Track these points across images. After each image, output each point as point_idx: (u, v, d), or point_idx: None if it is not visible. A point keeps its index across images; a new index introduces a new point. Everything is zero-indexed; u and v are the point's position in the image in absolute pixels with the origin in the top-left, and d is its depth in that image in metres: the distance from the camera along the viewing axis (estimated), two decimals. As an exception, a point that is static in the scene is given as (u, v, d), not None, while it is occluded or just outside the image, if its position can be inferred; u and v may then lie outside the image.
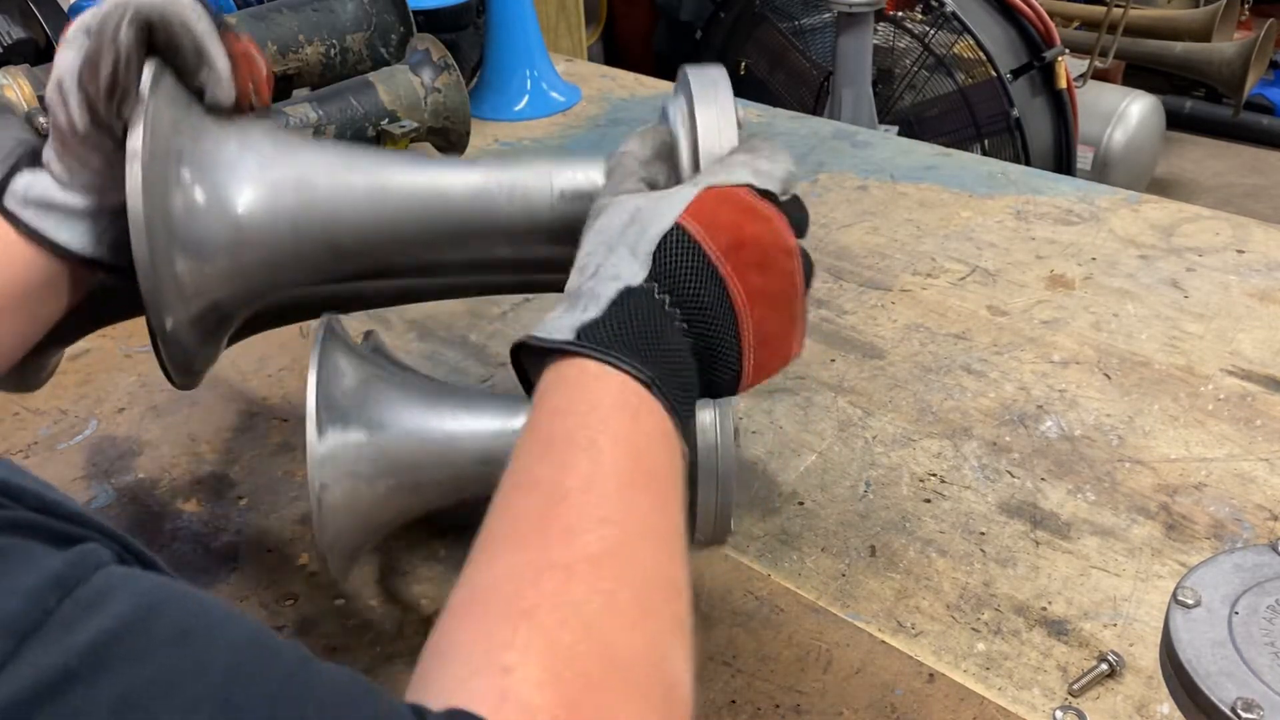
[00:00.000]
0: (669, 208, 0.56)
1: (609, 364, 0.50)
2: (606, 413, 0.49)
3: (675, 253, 0.54)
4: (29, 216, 0.63)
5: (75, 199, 0.64)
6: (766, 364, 0.58)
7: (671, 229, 0.54)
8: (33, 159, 0.65)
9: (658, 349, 0.52)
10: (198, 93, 0.64)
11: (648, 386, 0.50)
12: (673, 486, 0.50)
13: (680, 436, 0.52)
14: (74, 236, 0.64)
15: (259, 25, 1.37)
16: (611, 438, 0.48)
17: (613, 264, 0.54)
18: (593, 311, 0.52)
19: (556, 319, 0.53)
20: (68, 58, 0.61)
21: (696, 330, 0.54)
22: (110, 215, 0.64)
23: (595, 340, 0.51)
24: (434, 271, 0.83)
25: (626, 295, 0.53)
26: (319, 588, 0.88)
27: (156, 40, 0.61)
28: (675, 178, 0.63)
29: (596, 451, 0.47)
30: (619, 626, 0.41)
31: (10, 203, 0.63)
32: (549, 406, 0.50)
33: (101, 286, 0.68)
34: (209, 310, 0.64)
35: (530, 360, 0.54)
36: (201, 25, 0.62)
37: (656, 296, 0.53)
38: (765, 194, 0.57)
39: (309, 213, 0.65)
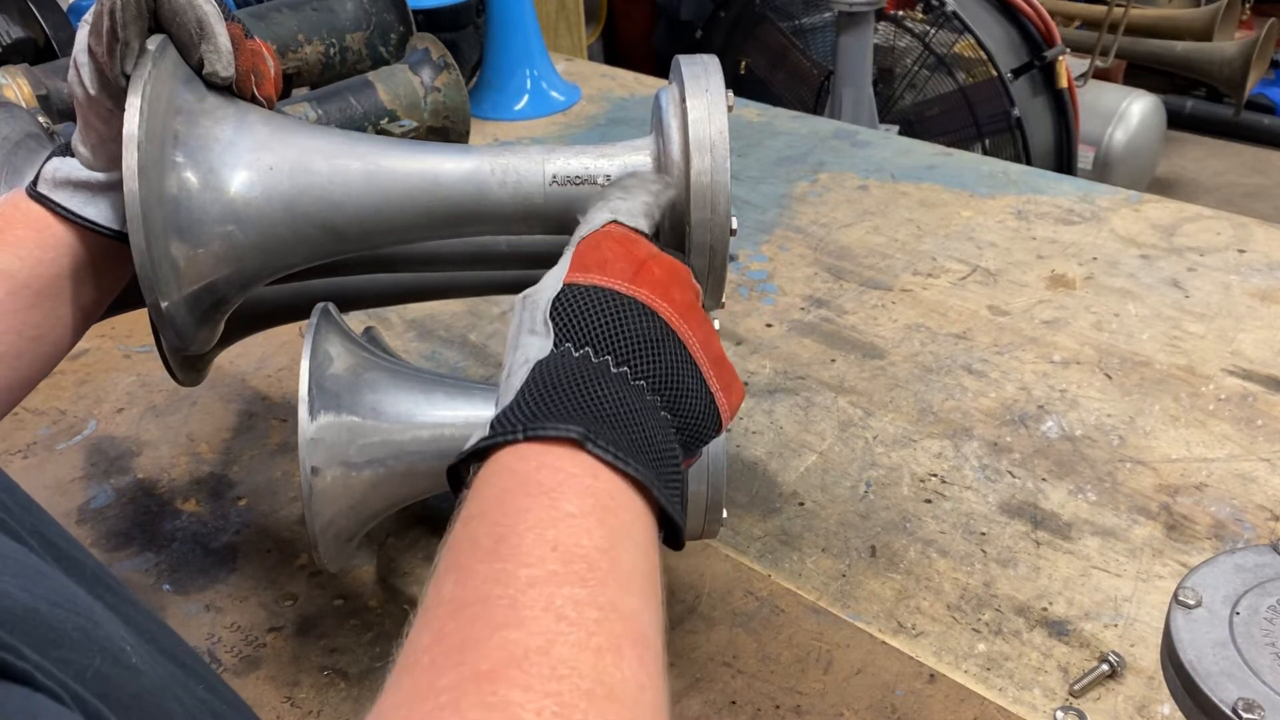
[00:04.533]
0: (550, 279, 0.53)
1: (517, 441, 0.45)
2: (551, 489, 0.43)
3: (575, 305, 0.50)
4: (61, 197, 0.65)
5: (99, 175, 0.65)
6: (733, 396, 0.54)
7: (560, 290, 0.51)
8: (65, 149, 0.67)
9: (585, 404, 0.47)
10: (199, 69, 0.65)
11: (579, 445, 0.44)
12: (645, 555, 0.44)
13: (630, 482, 0.46)
14: (100, 211, 0.65)
15: (259, 25, 1.37)
16: (559, 523, 0.42)
17: (520, 354, 0.50)
18: (505, 399, 0.48)
19: (485, 426, 0.48)
20: (80, 33, 0.63)
21: (641, 369, 0.50)
22: None
23: (507, 425, 0.45)
24: (432, 263, 0.84)
25: (538, 369, 0.49)
26: (319, 588, 0.88)
27: (161, 11, 0.62)
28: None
29: (536, 542, 0.41)
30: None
31: (43, 187, 0.65)
32: (465, 513, 0.44)
33: None
34: (204, 292, 0.65)
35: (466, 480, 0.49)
36: (207, 5, 0.63)
37: (575, 354, 0.49)
38: (635, 230, 0.56)
39: (304, 195, 0.65)
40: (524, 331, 0.51)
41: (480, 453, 0.46)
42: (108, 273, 0.67)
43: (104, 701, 0.35)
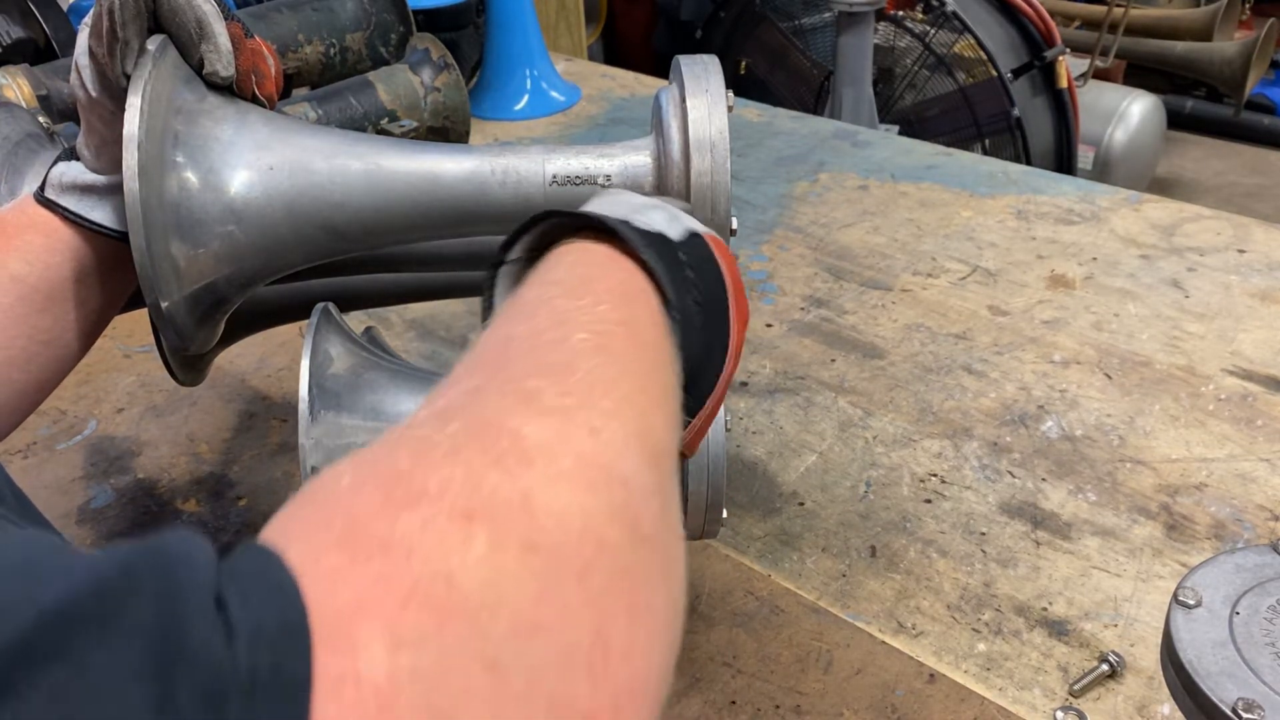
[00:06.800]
0: (691, 219, 0.54)
1: (645, 265, 0.45)
2: (620, 291, 0.44)
3: (701, 247, 0.51)
4: (67, 201, 0.65)
5: (104, 178, 0.65)
6: (710, 417, 0.54)
7: (698, 229, 0.52)
8: (70, 153, 0.67)
9: (681, 297, 0.47)
10: (199, 69, 0.65)
11: (669, 317, 0.45)
12: (673, 385, 0.44)
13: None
14: (107, 214, 0.65)
15: (259, 25, 1.37)
16: (624, 306, 0.43)
17: (647, 217, 0.50)
18: (650, 219, 0.48)
19: (601, 204, 0.49)
20: (81, 36, 0.63)
21: (705, 331, 0.50)
22: None
23: (644, 238, 0.46)
24: (432, 263, 0.83)
25: (666, 240, 0.49)
26: (319, 588, 0.88)
27: (160, 11, 0.62)
28: None
29: (600, 304, 0.41)
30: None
31: (50, 192, 0.65)
32: (558, 275, 0.45)
33: None
34: (205, 291, 0.65)
35: (533, 238, 0.49)
36: (206, 5, 0.63)
37: (687, 272, 0.49)
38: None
39: (305, 195, 0.65)
40: (661, 212, 0.51)
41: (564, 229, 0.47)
42: (117, 275, 0.68)
43: None
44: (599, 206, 0.51)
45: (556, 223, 0.48)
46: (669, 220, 0.51)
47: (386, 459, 0.32)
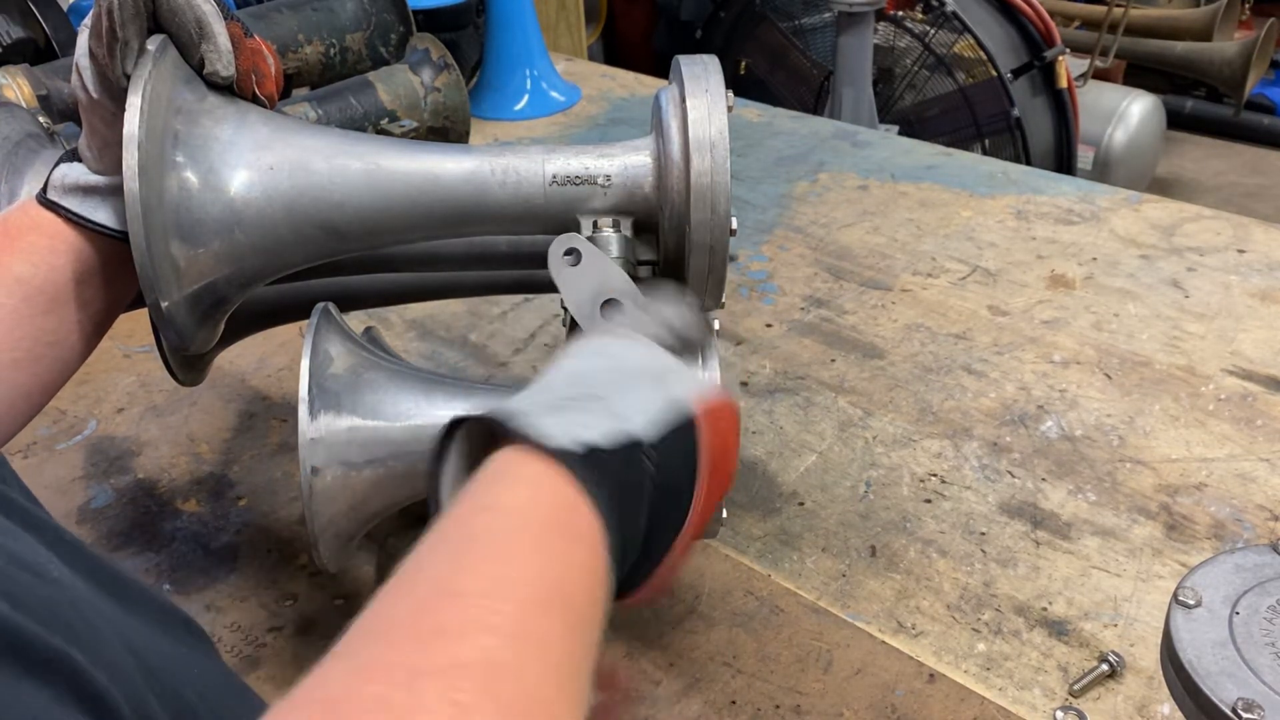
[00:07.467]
0: (686, 381, 0.54)
1: (586, 493, 0.44)
2: (548, 529, 0.42)
3: (681, 438, 0.51)
4: (70, 202, 0.65)
5: (106, 179, 0.65)
6: (663, 584, 0.54)
7: (688, 413, 0.52)
8: (72, 155, 0.67)
9: (630, 513, 0.47)
10: (199, 69, 0.65)
11: (607, 540, 0.44)
12: (593, 628, 0.42)
13: (608, 600, 0.45)
14: (109, 215, 0.65)
15: (259, 25, 1.37)
16: (542, 554, 0.41)
17: (627, 404, 0.50)
18: (600, 432, 0.47)
19: (546, 414, 0.47)
20: (81, 37, 0.63)
21: (655, 523, 0.50)
22: None
23: (596, 468, 0.45)
24: (433, 264, 0.84)
25: (630, 449, 0.48)
26: (319, 588, 0.88)
27: (159, 10, 0.62)
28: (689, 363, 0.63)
29: (511, 559, 0.40)
30: None
31: (52, 193, 0.65)
32: (482, 500, 0.43)
33: None
34: (205, 291, 0.65)
35: (477, 430, 0.48)
36: (206, 5, 0.63)
37: (648, 469, 0.48)
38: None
39: (305, 195, 0.65)
40: (645, 392, 0.50)
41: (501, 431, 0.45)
42: (120, 276, 0.68)
43: (7, 599, 0.35)
44: (563, 380, 0.51)
45: (487, 429, 0.46)
46: (653, 408, 0.50)
47: None
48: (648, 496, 0.48)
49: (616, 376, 0.52)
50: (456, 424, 0.48)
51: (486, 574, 0.39)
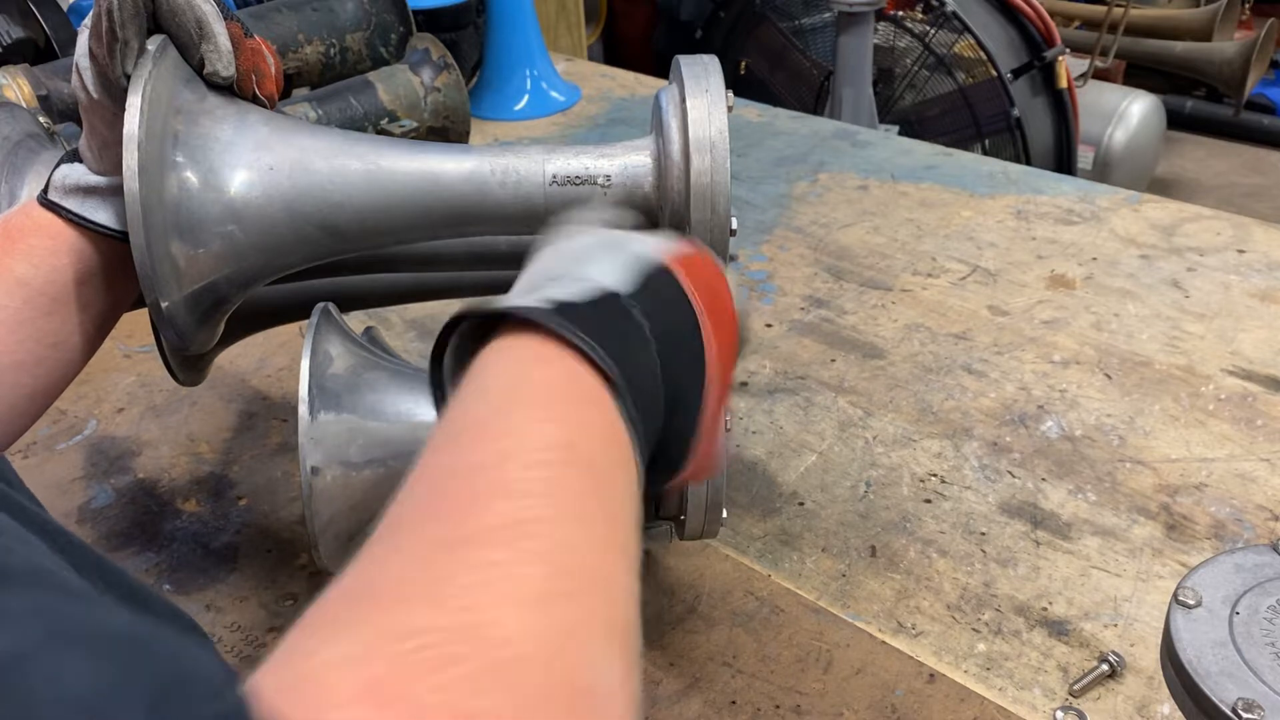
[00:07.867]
0: (647, 242, 0.52)
1: (577, 348, 0.43)
2: (553, 396, 0.42)
3: (661, 284, 0.50)
4: (71, 203, 0.65)
5: (107, 179, 0.65)
6: (709, 454, 0.53)
7: (658, 262, 0.50)
8: (73, 155, 0.67)
9: (631, 361, 0.45)
10: (199, 69, 0.65)
11: (614, 392, 0.43)
12: (623, 488, 0.42)
13: (637, 463, 0.43)
14: (110, 215, 0.65)
15: (259, 25, 1.37)
16: (542, 421, 0.40)
17: (589, 271, 0.49)
18: (571, 292, 0.46)
19: (518, 298, 0.46)
20: (81, 38, 0.63)
21: (671, 374, 0.48)
22: None
23: (571, 318, 0.43)
24: (433, 264, 0.84)
25: (608, 298, 0.47)
26: (319, 588, 0.87)
27: (159, 10, 0.62)
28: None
29: (527, 431, 0.39)
30: (504, 603, 0.32)
31: (53, 194, 0.65)
32: (469, 390, 0.42)
33: None
34: (205, 291, 0.65)
35: (461, 343, 0.47)
36: (206, 5, 0.63)
37: (636, 318, 0.47)
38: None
39: (305, 196, 0.65)
40: (604, 259, 0.50)
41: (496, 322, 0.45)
42: (122, 277, 0.68)
43: None
44: (527, 278, 0.50)
45: (473, 324, 0.46)
46: (618, 266, 0.50)
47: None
48: (651, 347, 0.47)
49: (572, 257, 0.52)
50: (443, 342, 0.48)
51: (492, 450, 0.39)
